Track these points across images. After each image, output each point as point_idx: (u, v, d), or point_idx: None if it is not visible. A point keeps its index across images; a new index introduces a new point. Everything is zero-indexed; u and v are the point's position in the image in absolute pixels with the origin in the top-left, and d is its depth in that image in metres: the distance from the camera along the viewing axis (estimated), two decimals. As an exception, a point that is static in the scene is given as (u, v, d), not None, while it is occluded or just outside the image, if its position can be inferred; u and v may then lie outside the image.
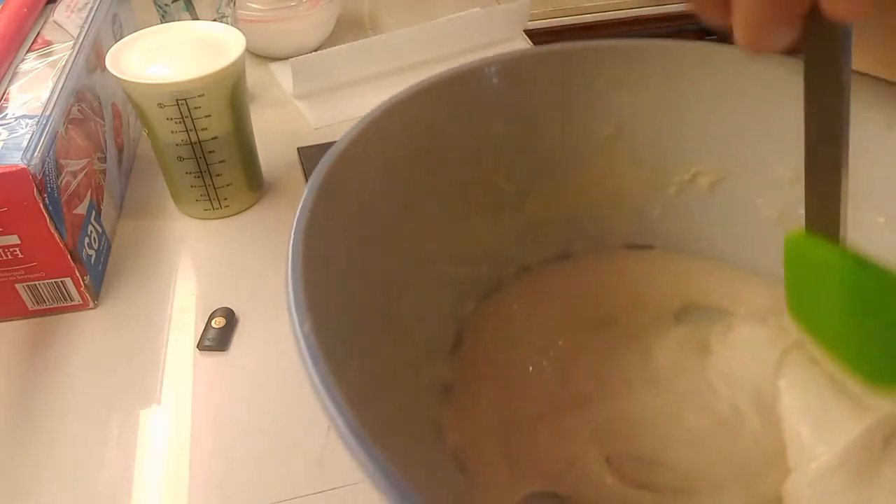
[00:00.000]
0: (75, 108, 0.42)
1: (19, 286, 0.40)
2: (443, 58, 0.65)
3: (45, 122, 0.38)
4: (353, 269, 0.29)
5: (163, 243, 0.47)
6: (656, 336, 0.36)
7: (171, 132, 0.43)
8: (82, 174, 0.42)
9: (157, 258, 0.45)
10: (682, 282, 0.39)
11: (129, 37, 0.44)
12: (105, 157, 0.46)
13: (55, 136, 0.38)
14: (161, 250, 0.46)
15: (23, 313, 0.41)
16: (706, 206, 0.39)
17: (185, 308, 0.42)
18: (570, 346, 0.36)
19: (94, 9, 0.48)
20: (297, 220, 0.26)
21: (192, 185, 0.46)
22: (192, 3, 0.51)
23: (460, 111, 0.35)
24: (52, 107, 0.39)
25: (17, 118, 0.38)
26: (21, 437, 0.35)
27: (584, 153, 0.38)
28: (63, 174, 0.39)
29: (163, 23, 0.49)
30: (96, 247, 0.43)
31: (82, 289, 0.41)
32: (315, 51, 0.62)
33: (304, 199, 0.27)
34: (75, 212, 0.40)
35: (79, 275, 0.40)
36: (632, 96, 0.37)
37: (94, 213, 0.43)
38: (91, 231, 0.42)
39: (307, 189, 0.27)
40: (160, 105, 0.41)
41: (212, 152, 0.44)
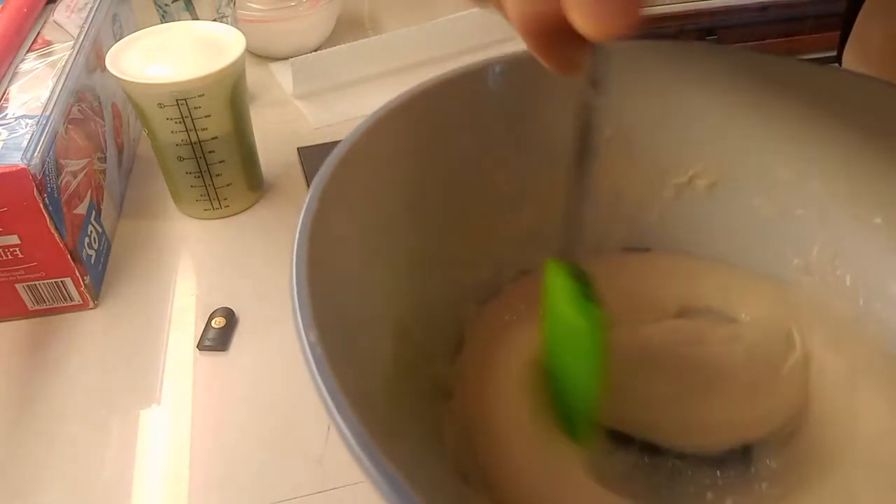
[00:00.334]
0: (75, 108, 0.42)
1: (19, 286, 0.40)
2: (443, 58, 0.65)
3: (45, 122, 0.38)
4: (356, 274, 0.30)
5: (163, 243, 0.47)
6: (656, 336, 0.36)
7: (171, 132, 0.43)
8: (82, 174, 0.42)
9: (157, 258, 0.45)
10: (681, 284, 0.38)
11: (129, 37, 0.44)
12: (105, 157, 0.46)
13: (55, 136, 0.38)
14: (161, 250, 0.46)
15: (23, 313, 0.41)
16: (703, 208, 0.39)
17: (185, 308, 0.42)
18: None
19: (94, 9, 0.48)
20: (300, 227, 0.26)
21: (192, 185, 0.46)
22: (192, 3, 0.51)
23: (460, 114, 0.35)
24: (52, 107, 0.39)
25: (17, 118, 0.38)
26: (21, 437, 0.35)
27: None
28: (63, 174, 0.39)
29: (163, 23, 0.49)
30: (96, 247, 0.43)
31: (82, 289, 0.41)
32: (315, 51, 0.62)
33: (306, 205, 0.27)
34: (75, 212, 0.40)
35: (79, 275, 0.40)
36: (629, 99, 0.37)
37: (94, 213, 0.43)
38: (91, 231, 0.42)
39: (309, 195, 0.27)
40: (160, 105, 0.41)
41: (212, 152, 0.44)
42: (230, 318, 0.41)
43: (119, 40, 0.44)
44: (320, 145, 0.54)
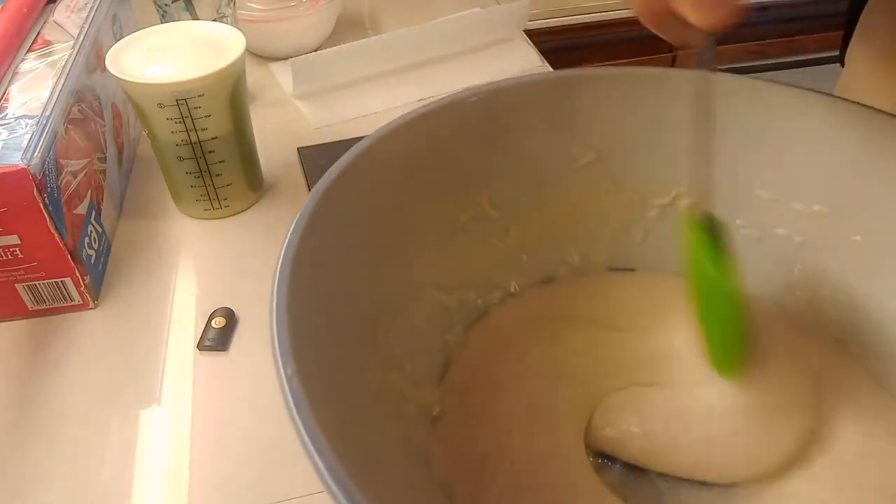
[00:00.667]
0: (75, 108, 0.42)
1: (19, 286, 0.40)
2: (443, 58, 0.65)
3: (45, 122, 0.38)
4: (341, 300, 0.30)
5: (163, 243, 0.47)
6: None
7: (171, 132, 0.43)
8: (82, 174, 0.42)
9: (157, 258, 0.45)
10: (665, 305, 0.38)
11: (129, 37, 0.44)
12: (105, 157, 0.46)
13: (55, 136, 0.38)
14: (161, 250, 0.46)
15: (23, 313, 0.41)
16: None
17: (185, 308, 0.42)
18: (557, 369, 0.35)
19: (94, 9, 0.48)
20: (282, 256, 0.26)
21: (192, 185, 0.46)
22: (192, 3, 0.51)
23: (445, 142, 0.35)
24: (52, 107, 0.39)
25: (17, 118, 0.38)
26: (21, 437, 0.35)
27: (565, 179, 0.38)
28: (63, 174, 0.39)
29: (163, 23, 0.49)
30: (96, 247, 0.43)
31: (82, 289, 0.41)
32: (315, 51, 0.62)
33: (290, 234, 0.27)
34: (75, 212, 0.40)
35: (79, 275, 0.40)
36: (610, 123, 0.37)
37: (94, 213, 0.43)
38: (91, 231, 0.42)
39: (294, 223, 0.28)
40: (160, 105, 0.41)
41: (212, 152, 0.44)
42: (230, 318, 0.41)
43: (119, 40, 0.44)
44: (320, 145, 0.54)
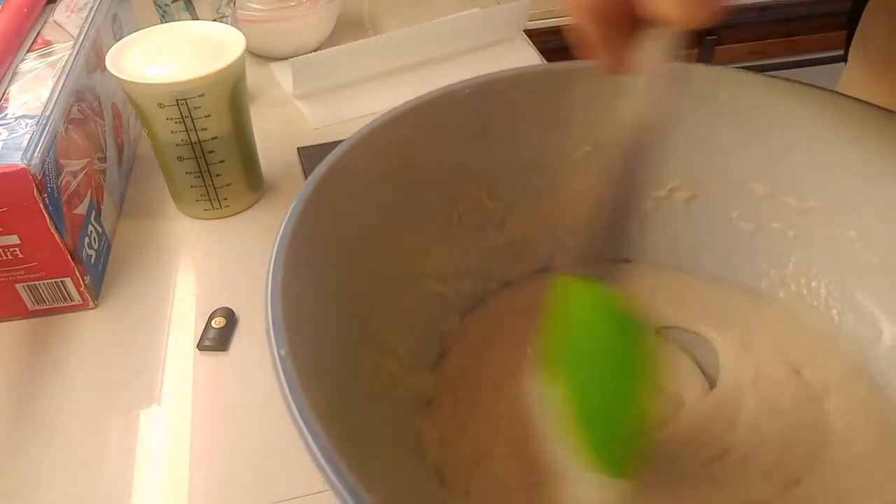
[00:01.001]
0: (75, 108, 0.42)
1: (19, 286, 0.40)
2: (443, 58, 0.65)
3: (45, 122, 0.38)
4: (336, 287, 0.30)
5: (163, 243, 0.47)
6: None
7: (171, 132, 0.43)
8: (82, 174, 0.42)
9: (157, 258, 0.45)
10: (660, 297, 0.39)
11: (129, 37, 0.44)
12: (105, 157, 0.46)
13: (55, 136, 0.38)
14: (161, 250, 0.46)
15: (23, 313, 0.41)
16: (682, 221, 0.39)
17: (185, 308, 0.42)
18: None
19: (94, 9, 0.48)
20: (277, 243, 0.26)
21: (192, 185, 0.46)
22: (192, 3, 0.51)
23: (441, 133, 0.36)
24: (52, 107, 0.39)
25: (17, 118, 0.38)
26: (21, 437, 0.35)
27: (562, 170, 0.38)
28: (63, 174, 0.39)
29: (163, 23, 0.49)
30: (96, 247, 0.43)
31: (82, 289, 0.41)
32: (315, 51, 0.62)
33: (285, 222, 0.27)
34: (75, 212, 0.40)
35: (79, 275, 0.40)
36: (607, 114, 0.37)
37: (94, 213, 0.43)
38: (91, 231, 0.42)
39: (289, 211, 0.28)
40: (160, 105, 0.41)
41: (212, 152, 0.44)
42: (230, 318, 0.41)
43: (119, 40, 0.44)
44: (320, 145, 0.54)
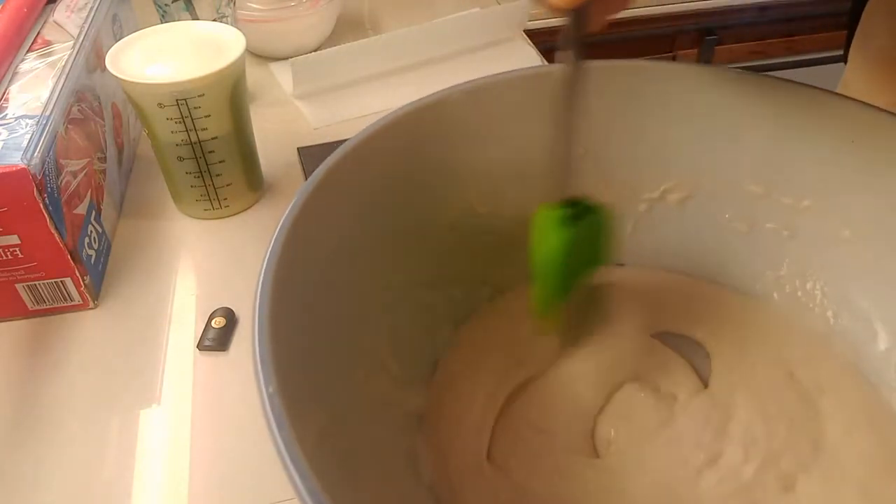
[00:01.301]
0: (75, 108, 0.42)
1: (19, 286, 0.40)
2: (443, 58, 0.65)
3: (45, 122, 0.38)
4: (327, 305, 0.30)
5: (163, 243, 0.47)
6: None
7: (171, 132, 0.43)
8: (82, 174, 0.42)
9: (157, 258, 0.45)
10: (653, 300, 0.38)
11: (129, 37, 0.44)
12: (105, 157, 0.46)
13: (55, 136, 0.38)
14: (161, 250, 0.46)
15: (23, 313, 0.41)
16: (676, 222, 0.39)
17: (185, 308, 0.42)
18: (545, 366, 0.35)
19: (94, 9, 0.48)
20: (264, 266, 0.26)
21: (192, 185, 0.46)
22: (192, 3, 0.51)
23: (430, 140, 0.35)
24: (52, 107, 0.39)
25: (17, 118, 0.38)
26: (21, 437, 0.35)
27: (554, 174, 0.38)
28: (63, 174, 0.39)
29: (163, 23, 0.49)
30: (96, 247, 0.43)
31: (82, 289, 0.41)
32: (315, 51, 0.62)
33: (274, 239, 0.27)
34: (75, 212, 0.40)
35: (79, 275, 0.40)
36: (598, 117, 0.37)
37: (94, 213, 0.43)
38: (91, 231, 0.42)
39: (278, 228, 0.28)
40: (160, 105, 0.41)
41: (212, 152, 0.44)
42: (230, 318, 0.41)
43: (119, 40, 0.44)
44: (320, 145, 0.54)
